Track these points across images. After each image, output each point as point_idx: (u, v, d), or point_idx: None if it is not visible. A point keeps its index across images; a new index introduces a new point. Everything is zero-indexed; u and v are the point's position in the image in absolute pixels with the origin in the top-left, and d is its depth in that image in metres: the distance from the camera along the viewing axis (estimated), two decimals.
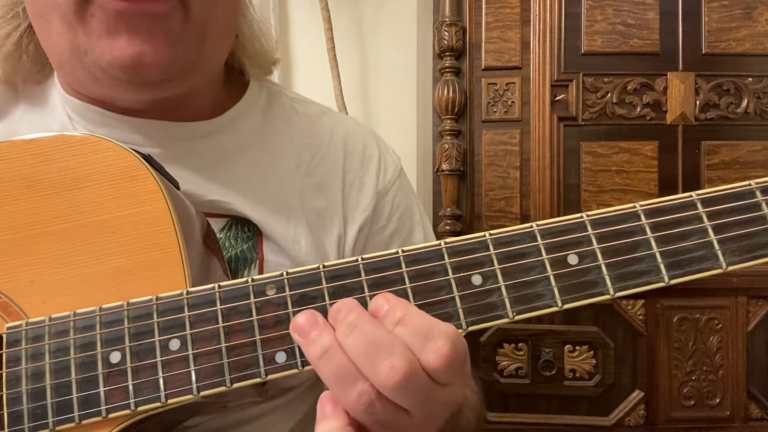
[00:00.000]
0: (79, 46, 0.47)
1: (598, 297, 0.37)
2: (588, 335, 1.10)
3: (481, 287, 0.37)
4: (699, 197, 0.38)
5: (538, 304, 0.37)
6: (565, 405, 1.11)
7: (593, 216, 0.38)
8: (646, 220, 0.38)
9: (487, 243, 0.38)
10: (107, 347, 0.38)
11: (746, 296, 1.09)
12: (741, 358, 1.09)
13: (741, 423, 1.09)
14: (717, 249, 0.37)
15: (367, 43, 1.47)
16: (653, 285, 0.37)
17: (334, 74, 1.35)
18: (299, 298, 0.37)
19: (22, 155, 0.43)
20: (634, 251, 0.37)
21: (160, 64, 0.46)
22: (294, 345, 0.37)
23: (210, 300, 0.38)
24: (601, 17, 1.12)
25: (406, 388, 0.33)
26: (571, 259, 0.37)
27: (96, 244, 0.41)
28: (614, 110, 1.13)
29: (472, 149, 1.17)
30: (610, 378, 1.10)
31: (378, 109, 1.47)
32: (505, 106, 1.16)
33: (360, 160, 0.63)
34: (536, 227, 0.38)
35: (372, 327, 0.34)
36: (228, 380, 0.37)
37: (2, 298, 0.41)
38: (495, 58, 1.16)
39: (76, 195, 0.42)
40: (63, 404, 0.38)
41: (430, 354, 0.33)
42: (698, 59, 1.12)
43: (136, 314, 0.38)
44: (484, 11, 1.16)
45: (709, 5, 1.11)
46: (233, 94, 0.61)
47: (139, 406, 0.37)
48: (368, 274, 0.37)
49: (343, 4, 1.45)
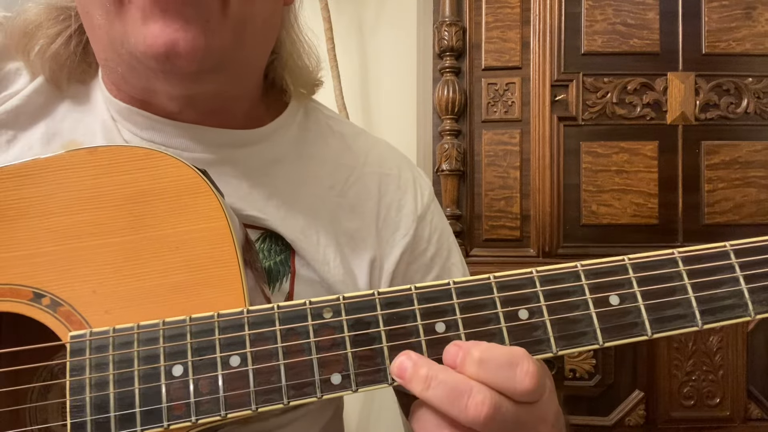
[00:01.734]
0: (116, 38, 0.48)
1: (637, 338, 0.39)
2: None
3: (528, 321, 0.39)
4: (732, 248, 0.41)
5: (581, 340, 0.39)
6: (565, 405, 1.11)
7: (634, 260, 0.40)
8: (683, 266, 0.40)
9: (534, 279, 0.40)
10: (170, 360, 0.39)
11: None
12: (741, 358, 1.09)
13: (741, 423, 1.09)
14: (747, 298, 0.39)
15: (367, 43, 1.47)
16: (688, 329, 0.39)
17: (334, 74, 1.35)
18: (355, 323, 0.39)
19: (85, 166, 0.44)
20: (671, 296, 0.39)
21: (194, 53, 0.46)
22: (349, 369, 0.38)
23: (269, 320, 0.39)
24: (601, 17, 1.12)
25: (496, 419, 0.35)
26: (612, 299, 0.39)
27: (159, 257, 0.42)
28: (614, 110, 1.13)
29: (472, 149, 1.17)
30: (610, 378, 1.10)
31: (378, 109, 1.47)
32: (505, 106, 1.16)
33: (396, 184, 0.63)
34: (580, 267, 0.40)
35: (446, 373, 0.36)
36: (285, 398, 0.38)
37: (65, 307, 0.41)
38: (495, 58, 1.16)
39: (140, 208, 0.43)
40: (125, 415, 0.38)
41: (524, 378, 0.36)
42: (698, 59, 1.12)
43: (198, 329, 0.39)
44: (484, 11, 1.16)
45: (709, 5, 1.11)
46: (271, 109, 0.61)
47: (200, 419, 0.38)
48: (420, 303, 0.39)
49: (343, 4, 1.45)
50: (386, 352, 0.38)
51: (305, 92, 0.65)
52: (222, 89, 0.53)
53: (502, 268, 1.26)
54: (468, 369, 0.36)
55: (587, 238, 1.12)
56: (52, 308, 0.41)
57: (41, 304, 0.41)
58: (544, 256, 1.12)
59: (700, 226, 1.12)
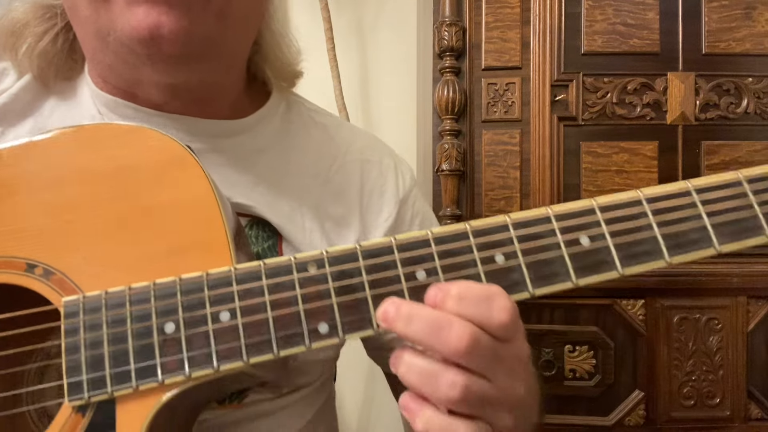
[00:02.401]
0: (103, 27, 0.49)
1: (608, 274, 0.41)
2: (588, 335, 1.10)
3: (504, 265, 0.40)
4: (694, 187, 0.42)
5: (555, 280, 0.40)
6: (565, 405, 1.11)
7: (602, 203, 0.42)
8: (648, 206, 0.42)
9: (508, 225, 0.41)
10: (162, 318, 0.40)
11: (746, 296, 1.09)
12: (741, 358, 1.09)
13: (741, 423, 1.09)
14: (711, 232, 0.41)
15: (367, 43, 1.47)
16: (656, 264, 0.41)
17: (334, 74, 1.35)
18: (339, 275, 0.40)
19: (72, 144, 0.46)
20: (638, 233, 0.41)
21: (177, 35, 0.48)
22: (335, 318, 0.40)
23: (256, 276, 0.41)
24: (601, 17, 1.12)
25: (476, 350, 0.36)
26: (583, 240, 0.41)
27: (147, 226, 0.43)
28: (614, 110, 1.13)
29: (472, 149, 1.17)
30: (610, 378, 1.10)
31: (378, 109, 1.47)
32: (505, 106, 1.16)
33: (378, 170, 0.65)
34: (551, 212, 0.41)
35: (425, 310, 0.38)
36: (275, 349, 0.39)
37: (57, 275, 0.42)
38: (495, 58, 1.16)
39: (126, 180, 0.44)
40: (121, 371, 0.40)
41: (498, 313, 0.37)
42: (698, 59, 1.12)
43: (188, 288, 0.41)
44: (484, 11, 1.16)
45: (709, 5, 1.11)
46: (254, 101, 0.63)
47: (194, 373, 0.39)
48: (401, 253, 0.41)
49: (343, 4, 1.45)
50: (370, 300, 0.40)
51: (286, 84, 0.67)
52: (206, 78, 0.54)
53: None
54: (448, 305, 0.37)
55: None
56: (45, 277, 0.42)
57: (35, 274, 0.42)
58: None
59: None
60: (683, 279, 1.09)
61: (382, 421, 1.45)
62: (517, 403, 0.40)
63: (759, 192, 0.42)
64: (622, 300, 1.10)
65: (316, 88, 1.45)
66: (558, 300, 1.10)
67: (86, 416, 0.40)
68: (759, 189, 0.42)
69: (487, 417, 0.38)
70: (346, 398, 1.50)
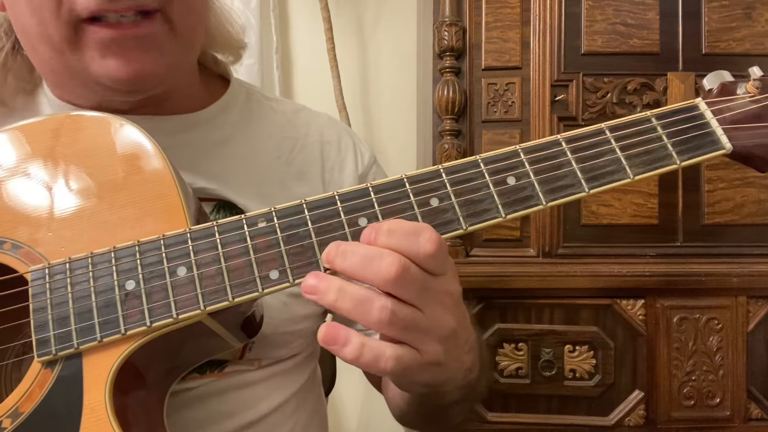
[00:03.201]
0: (73, 67, 0.51)
1: (534, 207, 0.45)
2: (588, 335, 1.10)
3: (438, 206, 0.44)
4: (607, 126, 0.47)
5: (486, 216, 0.44)
6: (565, 405, 1.11)
7: (524, 146, 0.47)
8: (566, 146, 0.47)
9: (440, 172, 0.45)
10: (123, 276, 0.43)
11: (746, 296, 1.09)
12: (741, 358, 1.09)
13: (741, 423, 1.09)
14: (624, 164, 0.46)
15: (367, 43, 1.48)
16: (577, 195, 0.45)
17: (334, 74, 1.35)
18: (287, 226, 0.44)
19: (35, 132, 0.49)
20: (559, 169, 0.46)
21: (157, 75, 0.51)
22: (285, 264, 0.43)
23: (210, 233, 0.44)
24: (601, 17, 1.12)
25: (405, 279, 0.39)
26: (509, 180, 0.45)
27: (107, 199, 0.47)
28: (614, 110, 1.13)
29: (472, 149, 1.17)
30: (610, 378, 1.10)
31: (378, 109, 1.47)
32: (505, 106, 1.16)
33: (336, 149, 0.69)
34: (479, 158, 0.46)
35: (361, 246, 0.40)
36: (230, 296, 0.42)
37: (24, 248, 0.45)
38: (495, 58, 1.16)
39: (87, 162, 0.48)
40: (85, 326, 0.42)
41: (425, 243, 0.40)
42: (698, 59, 1.12)
43: (146, 249, 0.44)
44: (484, 11, 1.16)
45: (709, 5, 1.11)
46: (213, 93, 0.65)
47: (154, 323, 0.42)
48: (343, 203, 0.44)
49: (343, 4, 1.45)
50: (316, 246, 0.43)
51: (233, 59, 0.69)
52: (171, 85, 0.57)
53: (503, 268, 1.26)
54: (379, 240, 0.40)
55: (587, 238, 1.12)
56: (13, 251, 0.45)
57: (3, 249, 0.46)
58: (544, 256, 1.12)
59: (700, 226, 1.12)
60: (683, 279, 1.09)
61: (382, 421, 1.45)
62: (448, 335, 0.42)
63: (667, 126, 0.47)
64: (622, 300, 1.10)
65: (316, 88, 1.45)
66: (558, 300, 1.10)
67: (55, 371, 0.42)
68: (666, 123, 0.48)
69: (415, 343, 0.41)
70: (346, 398, 1.50)
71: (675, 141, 0.47)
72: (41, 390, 0.42)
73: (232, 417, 0.57)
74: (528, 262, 1.12)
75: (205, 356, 0.53)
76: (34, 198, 0.47)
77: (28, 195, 0.47)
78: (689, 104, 0.49)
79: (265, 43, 1.46)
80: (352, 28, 1.47)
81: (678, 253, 1.11)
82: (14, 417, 0.41)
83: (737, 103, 0.49)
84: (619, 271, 1.09)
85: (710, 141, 0.47)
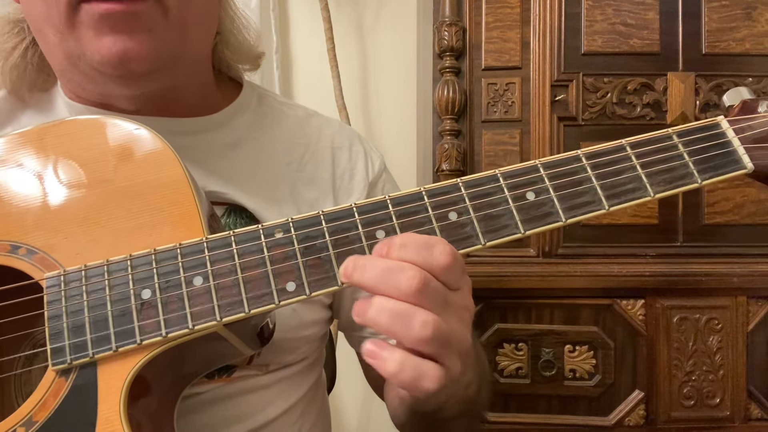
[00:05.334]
0: (73, 53, 0.52)
1: (553, 224, 0.44)
2: (588, 335, 1.10)
3: (457, 221, 0.44)
4: (628, 143, 0.47)
5: (505, 232, 0.44)
6: (565, 405, 1.11)
7: (544, 161, 0.46)
8: (586, 161, 0.46)
9: (459, 186, 0.45)
10: (139, 285, 0.43)
11: (746, 296, 1.09)
12: (741, 358, 1.09)
13: (741, 423, 1.09)
14: (645, 181, 0.45)
15: (367, 43, 1.47)
16: (597, 212, 0.45)
17: (334, 74, 1.35)
18: (304, 238, 0.43)
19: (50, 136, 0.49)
20: (579, 186, 0.45)
21: (144, 57, 0.51)
22: (302, 277, 0.42)
23: (226, 243, 0.43)
24: (601, 17, 1.12)
25: (426, 292, 0.38)
26: (529, 195, 0.45)
27: (123, 205, 0.46)
28: (614, 110, 1.13)
29: (472, 149, 1.17)
30: (610, 378, 1.10)
31: (378, 109, 1.47)
32: (505, 106, 1.16)
33: (347, 155, 0.69)
34: (499, 172, 0.45)
35: (380, 259, 0.40)
36: (246, 308, 0.42)
37: (39, 254, 0.45)
38: (495, 58, 1.16)
39: (100, 167, 0.47)
40: (101, 335, 0.42)
41: (439, 256, 0.39)
42: (698, 59, 1.12)
43: (163, 257, 0.43)
44: (484, 11, 1.16)
45: (709, 5, 1.11)
46: (225, 96, 0.65)
47: (170, 334, 0.41)
48: (361, 215, 0.44)
49: (343, 4, 1.45)
50: (333, 259, 0.42)
51: (249, 67, 0.69)
52: (173, 83, 0.57)
53: (503, 268, 1.26)
54: (393, 253, 0.40)
55: (587, 238, 1.12)
56: (28, 257, 0.45)
57: (18, 254, 0.45)
58: (544, 256, 1.12)
59: (700, 226, 1.12)
60: (683, 279, 1.09)
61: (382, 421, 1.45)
62: (467, 350, 0.42)
63: (688, 144, 0.47)
64: (622, 300, 1.10)
65: (316, 88, 1.45)
66: (558, 300, 1.10)
67: (69, 380, 0.42)
68: (688, 141, 0.47)
69: (444, 359, 0.40)
70: (346, 398, 1.50)
71: (696, 159, 0.46)
72: (55, 399, 0.41)
73: (240, 422, 0.57)
74: (528, 262, 1.12)
75: (217, 364, 0.53)
76: (50, 202, 0.46)
77: (44, 199, 0.47)
78: (711, 122, 0.48)
79: (265, 43, 1.46)
80: (352, 28, 1.47)
81: (678, 253, 1.11)
82: (28, 426, 0.41)
83: (759, 122, 0.48)
84: (619, 271, 1.09)
85: (732, 160, 0.47)
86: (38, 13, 0.52)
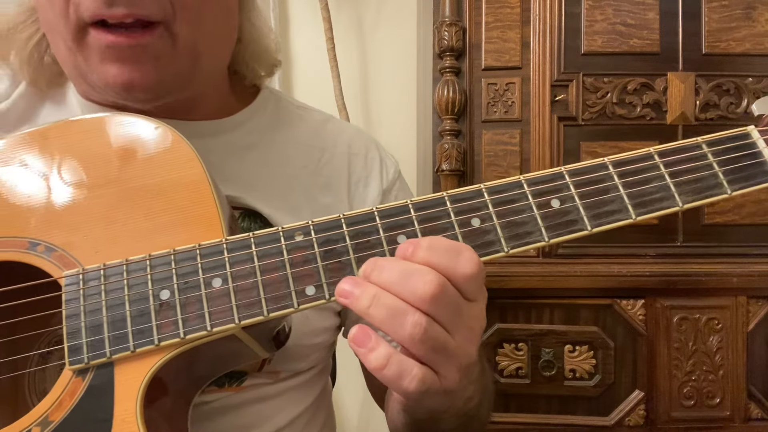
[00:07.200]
0: (81, 68, 0.52)
1: (579, 233, 0.44)
2: (588, 335, 1.10)
3: (480, 227, 0.43)
4: (656, 151, 0.45)
5: (529, 239, 0.43)
6: (565, 405, 1.11)
7: (570, 168, 0.45)
8: (613, 169, 0.45)
9: (482, 191, 0.44)
10: (157, 285, 0.42)
11: (746, 296, 1.09)
12: (741, 358, 1.09)
13: (741, 423, 1.09)
14: (674, 191, 0.44)
15: (367, 43, 1.47)
16: (623, 221, 0.44)
17: (334, 74, 1.35)
18: (324, 241, 0.43)
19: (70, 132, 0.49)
20: (605, 194, 0.44)
21: (150, 87, 0.51)
22: (321, 280, 0.42)
23: (246, 245, 0.43)
24: (601, 17, 1.12)
25: (441, 299, 0.38)
26: (553, 203, 0.44)
27: (143, 204, 0.46)
28: (614, 110, 1.13)
29: (472, 149, 1.17)
30: (610, 378, 1.10)
31: (378, 109, 1.47)
32: (505, 106, 1.16)
33: (363, 162, 0.68)
34: (523, 178, 0.44)
35: (399, 261, 0.39)
36: (265, 310, 0.41)
37: (58, 252, 0.45)
38: (495, 58, 1.16)
39: (120, 164, 0.47)
40: (119, 335, 0.42)
41: (465, 264, 0.39)
42: (698, 59, 1.12)
43: (182, 258, 0.43)
44: (484, 11, 1.16)
45: (709, 5, 1.11)
46: (242, 100, 0.65)
47: (188, 335, 0.41)
48: (382, 219, 0.43)
49: (343, 4, 1.45)
50: (354, 263, 0.42)
51: (264, 74, 0.68)
52: (189, 95, 0.56)
53: (503, 267, 1.26)
54: (418, 255, 0.39)
55: (587, 238, 1.11)
56: (47, 254, 0.44)
57: (37, 251, 0.45)
58: (544, 256, 1.12)
59: (700, 226, 1.12)
60: (683, 279, 1.09)
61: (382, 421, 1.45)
62: (467, 365, 0.42)
63: (718, 153, 0.45)
64: (622, 300, 1.10)
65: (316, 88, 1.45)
66: (558, 300, 1.10)
67: (86, 379, 0.41)
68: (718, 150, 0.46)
69: (438, 366, 0.39)
70: (346, 398, 1.50)
71: (726, 169, 0.45)
72: (72, 399, 0.41)
73: (249, 430, 0.57)
74: (528, 261, 1.12)
75: (231, 366, 0.53)
76: (69, 200, 0.46)
77: (63, 197, 0.46)
78: (741, 131, 0.47)
79: None
80: (352, 28, 1.47)
81: (678, 253, 1.11)
82: (44, 425, 0.41)
83: None
84: (619, 271, 1.09)
85: (762, 171, 0.45)
86: (50, 22, 0.51)
